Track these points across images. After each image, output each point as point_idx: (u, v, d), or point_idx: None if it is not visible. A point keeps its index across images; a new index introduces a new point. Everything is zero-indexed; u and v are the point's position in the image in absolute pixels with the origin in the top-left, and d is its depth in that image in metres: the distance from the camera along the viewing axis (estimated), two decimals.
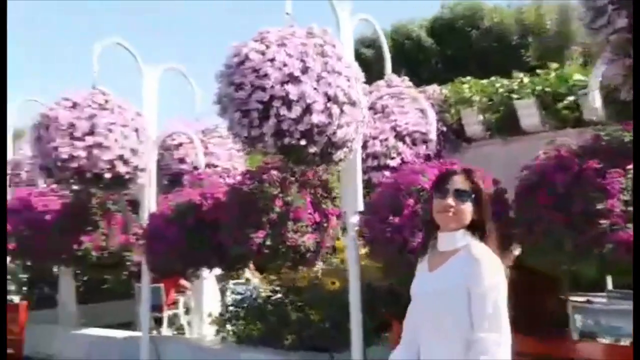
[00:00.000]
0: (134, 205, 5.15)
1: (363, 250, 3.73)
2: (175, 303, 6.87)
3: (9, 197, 5.66)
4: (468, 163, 3.11)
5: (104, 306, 7.47)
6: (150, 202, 4.82)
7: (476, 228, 1.60)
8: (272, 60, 2.84)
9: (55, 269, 6.93)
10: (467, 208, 1.58)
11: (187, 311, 6.98)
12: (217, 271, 5.34)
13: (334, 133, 2.93)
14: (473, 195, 1.59)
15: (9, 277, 7.33)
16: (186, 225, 4.09)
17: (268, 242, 3.61)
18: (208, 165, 5.01)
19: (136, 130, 4.27)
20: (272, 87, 2.81)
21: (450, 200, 1.57)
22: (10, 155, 5.91)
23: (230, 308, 4.99)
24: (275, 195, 3.66)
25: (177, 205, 4.25)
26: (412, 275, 1.72)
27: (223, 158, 5.25)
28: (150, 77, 5.02)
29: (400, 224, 3.01)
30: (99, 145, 3.97)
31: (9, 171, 5.88)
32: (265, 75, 2.83)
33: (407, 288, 1.71)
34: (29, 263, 6.60)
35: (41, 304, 6.88)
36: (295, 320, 4.42)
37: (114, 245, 4.69)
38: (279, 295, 4.87)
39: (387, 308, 3.73)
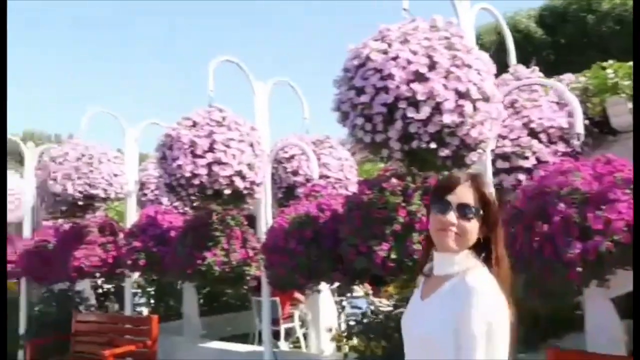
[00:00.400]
0: (250, 219, 5.20)
1: None
2: (290, 316, 6.89)
3: (136, 216, 6.05)
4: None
5: (222, 318, 7.73)
6: (267, 216, 4.83)
7: (483, 250, 1.31)
8: (395, 58, 2.63)
9: (178, 283, 7.33)
10: (473, 226, 1.30)
11: (303, 324, 6.99)
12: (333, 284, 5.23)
13: (467, 133, 2.64)
14: (480, 211, 1.30)
15: (139, 290, 7.88)
16: (305, 238, 4.00)
17: (393, 255, 3.39)
18: (321, 177, 4.92)
19: (252, 145, 4.29)
20: (397, 87, 2.60)
21: (452, 217, 1.30)
22: (136, 177, 6.30)
23: (351, 323, 4.81)
24: (398, 205, 3.43)
25: (294, 218, 4.19)
26: (565, 294, 1.37)
27: (334, 168, 5.14)
28: (260, 92, 5.07)
29: (551, 232, 2.63)
30: (218, 162, 4.02)
31: (137, 191, 6.27)
32: (389, 76, 2.62)
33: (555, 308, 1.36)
34: (154, 277, 7.03)
35: (167, 316, 7.26)
36: None
37: (234, 260, 4.73)
38: (401, 310, 4.61)
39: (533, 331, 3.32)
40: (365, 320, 4.58)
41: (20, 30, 60.09)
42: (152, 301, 8.04)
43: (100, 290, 7.79)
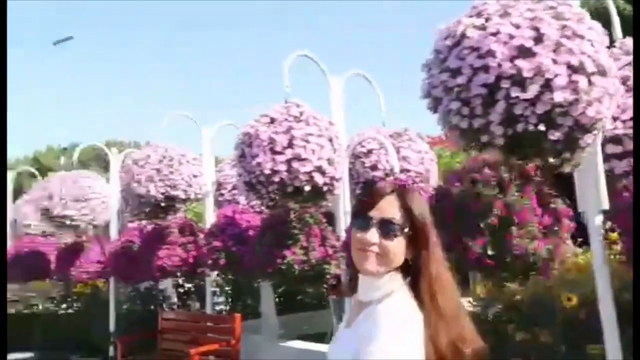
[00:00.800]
0: (328, 217, 5.08)
1: None
2: None
3: (214, 217, 6.12)
4: None
5: (297, 317, 7.69)
6: (345, 213, 4.69)
7: (411, 272, 1.14)
8: (495, 33, 2.38)
9: (255, 282, 7.37)
10: (397, 246, 1.14)
11: None
12: None
13: (583, 112, 2.34)
14: (407, 228, 1.14)
15: (217, 289, 8.02)
16: None
17: (490, 252, 3.13)
18: (401, 171, 4.71)
19: (330, 139, 4.16)
20: (499, 65, 2.35)
21: (373, 235, 1.14)
22: (213, 178, 6.38)
23: None
24: (493, 197, 3.17)
25: None
26: None
27: (415, 162, 4.92)
28: (336, 86, 4.94)
29: None
30: (297, 158, 3.92)
31: (214, 192, 6.36)
32: (489, 53, 2.38)
33: None
34: (230, 276, 7.11)
35: (244, 314, 7.33)
36: (519, 341, 3.81)
37: (313, 259, 4.63)
38: (494, 310, 4.29)
39: None
40: None
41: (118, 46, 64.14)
42: (229, 300, 8.16)
43: (181, 289, 8.00)
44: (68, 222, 6.96)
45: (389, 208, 1.16)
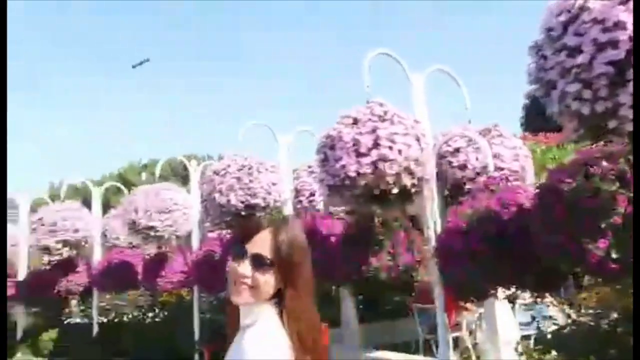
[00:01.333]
0: (413, 221, 4.84)
1: None
2: (457, 325, 6.38)
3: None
4: None
5: (378, 326, 7.45)
6: (434, 216, 4.42)
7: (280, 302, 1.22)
8: (624, 2, 2.07)
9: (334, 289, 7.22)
10: (268, 279, 1.22)
11: (471, 333, 6.45)
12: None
13: None
14: (274, 262, 1.21)
15: None
16: (488, 237, 3.52)
17: (614, 255, 2.76)
18: (494, 169, 4.38)
19: (417, 138, 3.93)
20: (631, 38, 2.04)
21: (245, 268, 1.22)
22: (291, 185, 6.32)
23: (548, 336, 4.16)
24: (614, 192, 2.80)
25: (472, 215, 3.72)
26: None
27: (508, 159, 4.55)
28: (417, 83, 4.71)
29: None
30: (383, 159, 3.72)
31: (292, 199, 6.29)
32: (617, 25, 2.07)
33: None
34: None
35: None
36: None
37: (400, 265, 4.41)
38: (608, 320, 3.84)
39: None
40: (565, 331, 3.91)
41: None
42: None
43: None
44: (152, 234, 7.17)
45: (262, 243, 1.22)
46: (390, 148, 3.73)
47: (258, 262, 1.22)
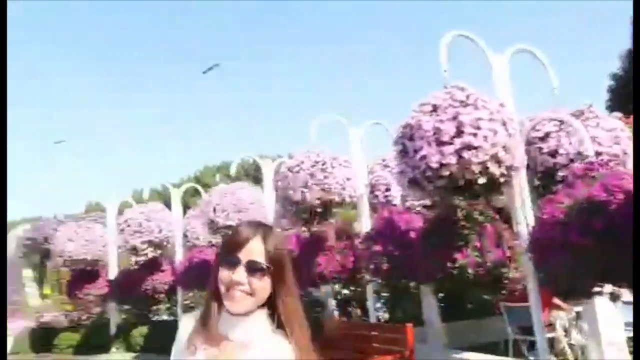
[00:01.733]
0: (500, 213, 4.51)
1: None
2: (551, 325, 5.92)
3: (369, 220, 5.88)
4: None
5: (462, 325, 7.10)
6: (525, 207, 4.08)
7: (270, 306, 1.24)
8: None
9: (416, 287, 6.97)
10: (265, 285, 1.21)
11: (566, 334, 5.97)
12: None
13: None
14: (270, 267, 1.21)
15: (373, 295, 7.79)
16: (592, 229, 3.16)
17: None
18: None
19: (504, 123, 3.62)
20: None
21: (241, 275, 1.19)
22: (366, 180, 6.15)
23: None
24: None
25: (571, 205, 3.37)
26: None
27: (606, 142, 4.11)
28: (499, 65, 4.38)
29: None
30: (468, 147, 3.46)
31: (367, 194, 6.13)
32: None
33: None
34: (388, 282, 6.79)
35: (404, 322, 6.96)
36: None
37: (489, 261, 4.11)
38: None
39: None
40: None
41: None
42: (384, 306, 7.86)
43: (339, 297, 7.91)
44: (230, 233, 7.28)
45: (254, 251, 1.23)
46: (475, 135, 3.46)
47: (254, 269, 1.22)
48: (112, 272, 10.07)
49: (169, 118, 72.20)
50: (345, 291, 7.90)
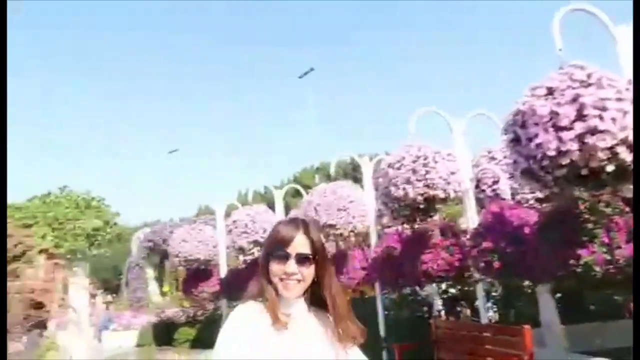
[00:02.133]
0: (630, 204, 4.02)
1: None
2: None
3: (476, 215, 5.57)
4: None
5: (585, 328, 6.49)
6: None
7: (314, 293, 1.49)
8: None
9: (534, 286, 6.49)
10: (312, 272, 1.46)
11: None
12: None
13: None
14: (315, 256, 1.45)
15: (484, 295, 7.39)
16: None
17: None
18: None
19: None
20: None
21: (292, 266, 1.43)
22: (471, 174, 5.84)
23: None
24: None
25: None
26: None
27: None
28: (623, 38, 3.91)
29: None
30: (592, 132, 3.11)
31: (473, 188, 5.81)
32: None
33: None
34: (500, 281, 6.39)
35: (517, 323, 6.52)
36: None
37: (621, 258, 3.67)
38: None
39: None
40: None
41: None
42: (494, 306, 7.41)
43: (445, 295, 7.62)
44: (332, 232, 7.33)
45: (302, 243, 1.44)
46: (601, 117, 3.10)
47: (303, 259, 1.43)
48: (223, 271, 10.61)
49: (267, 121, 74.95)
50: (452, 290, 7.59)
